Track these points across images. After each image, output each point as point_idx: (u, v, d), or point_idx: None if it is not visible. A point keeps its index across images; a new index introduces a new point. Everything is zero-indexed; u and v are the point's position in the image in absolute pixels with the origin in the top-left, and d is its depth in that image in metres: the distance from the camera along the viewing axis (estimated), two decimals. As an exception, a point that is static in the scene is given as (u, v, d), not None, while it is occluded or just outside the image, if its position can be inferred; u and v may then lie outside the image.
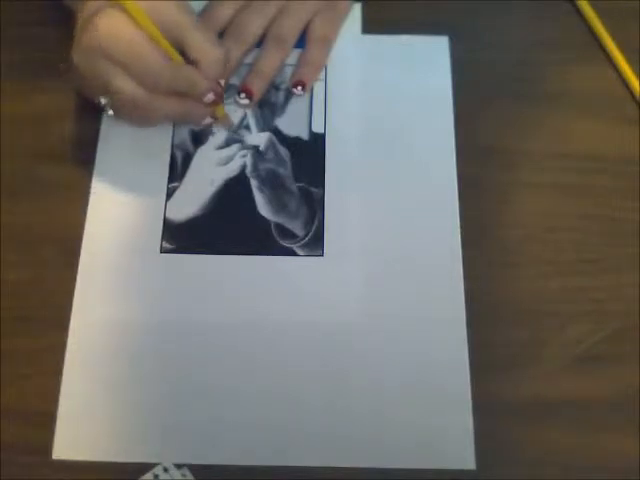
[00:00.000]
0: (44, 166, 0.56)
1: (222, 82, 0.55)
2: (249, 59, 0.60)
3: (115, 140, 0.57)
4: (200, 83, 0.52)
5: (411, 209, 0.56)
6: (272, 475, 0.48)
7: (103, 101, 0.53)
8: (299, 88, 0.59)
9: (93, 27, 0.49)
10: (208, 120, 0.56)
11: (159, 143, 0.57)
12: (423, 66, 0.61)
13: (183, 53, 0.52)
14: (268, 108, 0.59)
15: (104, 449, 0.48)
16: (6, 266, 0.53)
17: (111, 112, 0.53)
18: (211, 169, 0.57)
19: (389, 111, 0.59)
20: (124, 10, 0.49)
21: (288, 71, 0.60)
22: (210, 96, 0.53)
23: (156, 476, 0.47)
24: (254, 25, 0.59)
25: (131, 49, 0.49)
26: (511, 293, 0.54)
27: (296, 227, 0.55)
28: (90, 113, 0.57)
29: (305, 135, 0.58)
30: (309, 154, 0.58)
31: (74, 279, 0.53)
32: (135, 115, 0.54)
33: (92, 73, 0.51)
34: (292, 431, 0.49)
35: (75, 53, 0.51)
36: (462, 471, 0.48)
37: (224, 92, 0.55)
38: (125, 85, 0.51)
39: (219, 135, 0.58)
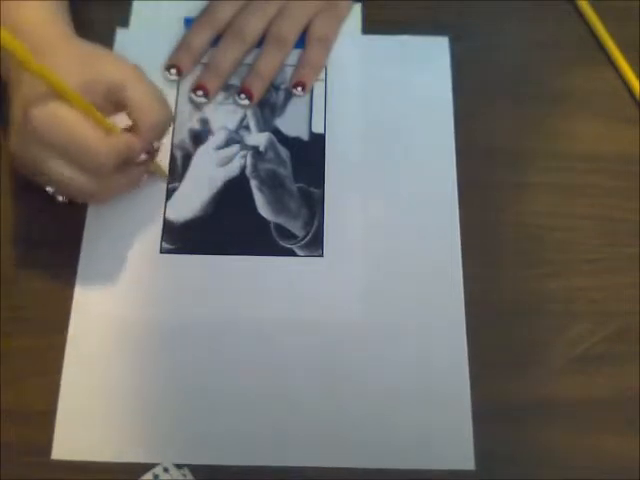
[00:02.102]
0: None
1: (156, 145, 0.52)
2: (249, 59, 0.60)
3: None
4: (135, 148, 0.49)
5: (411, 209, 0.56)
6: (272, 475, 0.48)
7: (49, 189, 0.50)
8: (299, 89, 0.59)
9: (29, 117, 0.46)
10: (145, 177, 0.54)
11: (159, 143, 0.57)
12: (423, 66, 0.61)
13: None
14: (268, 108, 0.59)
15: (104, 449, 0.48)
16: (6, 266, 0.53)
17: (61, 198, 0.51)
18: (211, 169, 0.57)
19: (389, 111, 0.59)
20: (57, 94, 0.46)
21: (288, 71, 0.60)
22: (142, 156, 0.51)
23: (156, 476, 0.47)
24: (254, 25, 0.59)
25: (68, 136, 0.46)
26: (511, 293, 0.54)
27: (296, 227, 0.55)
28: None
29: (305, 135, 0.58)
30: (309, 154, 0.58)
31: (74, 279, 0.53)
32: (87, 199, 0.53)
33: (32, 163, 0.48)
34: (292, 431, 0.49)
35: (13, 143, 0.48)
36: (461, 471, 0.48)
37: (158, 151, 0.53)
38: (68, 173, 0.48)
39: (219, 135, 0.58)
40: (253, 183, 0.56)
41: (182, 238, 0.54)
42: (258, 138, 0.58)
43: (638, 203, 0.56)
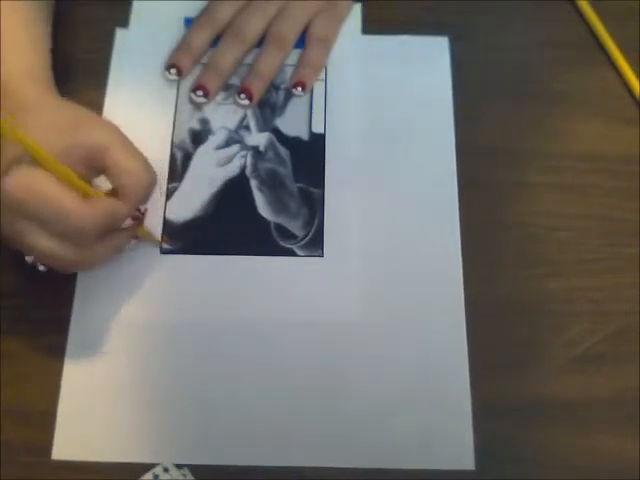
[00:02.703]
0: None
1: (142, 208, 0.51)
2: (249, 59, 0.60)
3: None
4: (119, 213, 0.47)
5: (411, 209, 0.56)
6: (272, 475, 0.48)
7: (29, 260, 0.50)
8: (299, 89, 0.59)
9: (3, 185, 0.44)
10: (132, 242, 0.53)
11: (158, 143, 0.57)
12: (423, 66, 0.61)
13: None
14: (268, 108, 0.59)
15: (104, 449, 0.48)
16: (6, 266, 0.53)
17: (42, 267, 0.50)
18: (211, 169, 0.57)
19: (389, 111, 0.59)
20: (34, 159, 0.44)
21: (288, 71, 0.60)
22: (128, 221, 0.49)
23: (156, 476, 0.47)
24: (254, 25, 0.59)
25: (45, 205, 0.44)
26: (511, 293, 0.54)
27: (296, 227, 0.55)
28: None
29: (305, 135, 0.58)
30: (309, 154, 0.58)
31: (74, 279, 0.53)
32: (69, 269, 0.51)
33: (11, 233, 0.46)
34: (292, 431, 0.49)
35: None
36: (461, 471, 0.48)
37: (144, 215, 0.52)
38: (47, 243, 0.46)
39: (219, 135, 0.58)
40: (253, 183, 0.56)
41: (182, 238, 0.54)
42: (258, 138, 0.58)
43: (638, 203, 0.56)
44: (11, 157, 0.45)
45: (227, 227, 0.55)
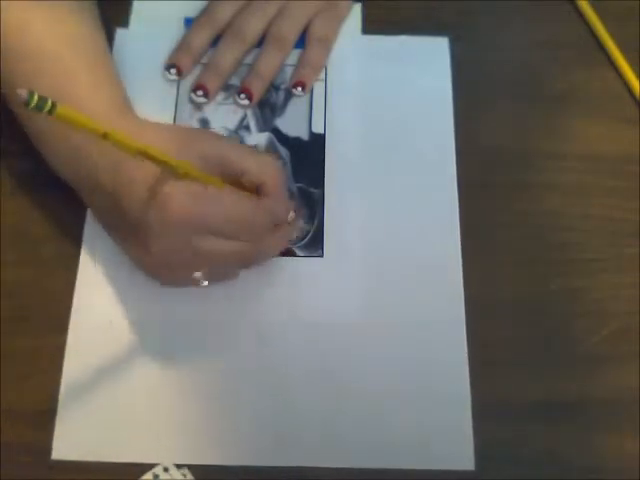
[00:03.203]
0: (44, 166, 0.56)
1: (287, 195, 0.52)
2: (249, 59, 0.60)
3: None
4: (282, 208, 0.49)
5: (411, 209, 0.56)
6: (272, 475, 0.48)
7: (198, 276, 0.48)
8: (299, 89, 0.59)
9: (170, 210, 0.43)
10: (295, 234, 0.54)
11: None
12: (423, 66, 0.61)
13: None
14: (268, 108, 0.59)
15: (104, 449, 0.48)
16: (6, 266, 0.53)
17: (206, 283, 0.49)
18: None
19: (389, 111, 0.59)
20: (176, 175, 0.43)
21: (288, 71, 0.60)
22: (292, 214, 0.50)
23: (156, 476, 0.47)
24: (254, 25, 0.59)
25: (220, 212, 0.45)
26: (511, 293, 0.54)
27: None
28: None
29: (305, 135, 0.58)
30: (309, 154, 0.58)
31: (74, 279, 0.53)
32: (244, 267, 0.51)
33: (182, 258, 0.46)
34: (292, 431, 0.49)
35: (153, 246, 0.45)
36: (461, 471, 0.48)
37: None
38: (226, 248, 0.47)
39: (219, 135, 0.58)
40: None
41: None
42: (258, 138, 0.58)
43: (638, 203, 0.56)
44: (150, 182, 0.44)
45: (227, 227, 0.55)
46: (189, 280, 0.49)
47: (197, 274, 0.48)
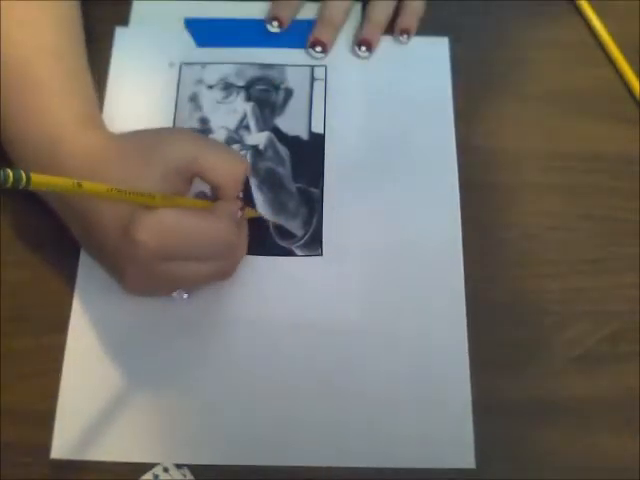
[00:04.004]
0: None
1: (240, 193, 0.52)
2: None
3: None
4: (236, 210, 0.49)
5: (411, 209, 0.56)
6: (272, 475, 0.48)
7: (177, 294, 0.51)
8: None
9: (137, 242, 0.44)
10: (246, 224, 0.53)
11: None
12: (423, 66, 0.61)
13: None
14: (268, 108, 0.59)
15: (104, 449, 0.48)
16: (6, 266, 0.53)
17: (186, 295, 0.52)
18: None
19: (389, 111, 0.59)
20: (145, 206, 0.45)
21: (288, 71, 0.60)
22: (239, 213, 0.50)
23: (156, 476, 0.47)
24: None
25: (189, 239, 0.46)
26: (511, 293, 0.54)
27: (295, 227, 0.55)
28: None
29: (304, 135, 0.58)
30: (308, 154, 0.58)
31: (74, 279, 0.53)
32: (225, 278, 0.52)
33: (157, 282, 0.48)
34: (292, 431, 0.49)
35: (127, 275, 0.47)
36: (462, 470, 0.48)
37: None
38: (202, 270, 0.48)
39: (218, 135, 0.58)
40: (252, 182, 0.56)
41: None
42: (258, 137, 0.58)
43: (638, 203, 0.56)
44: (122, 215, 0.45)
45: (227, 227, 0.55)
46: (168, 296, 0.51)
47: (175, 293, 0.51)
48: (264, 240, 0.54)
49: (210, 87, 0.60)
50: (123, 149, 0.48)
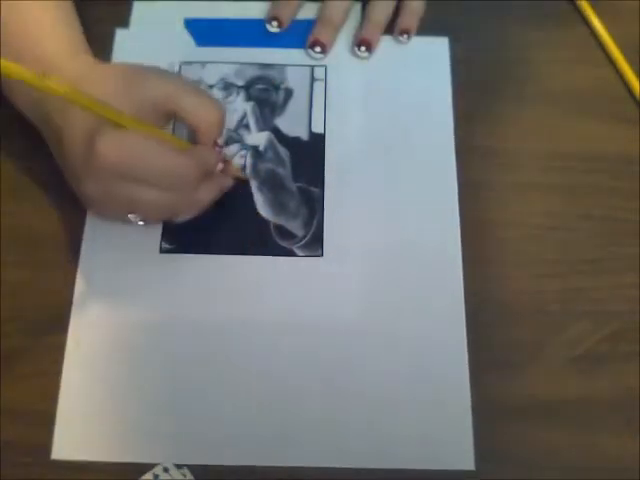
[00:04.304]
0: (44, 166, 0.56)
1: (220, 141, 0.53)
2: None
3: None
4: (210, 157, 0.51)
5: (411, 209, 0.56)
6: (272, 475, 0.48)
7: (132, 217, 0.50)
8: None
9: (97, 153, 0.45)
10: (230, 183, 0.54)
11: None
12: (423, 66, 0.61)
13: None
14: (268, 108, 0.59)
15: (104, 449, 0.48)
16: (6, 266, 0.53)
17: (142, 222, 0.51)
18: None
19: (389, 111, 0.59)
20: (115, 124, 0.46)
21: (288, 71, 0.60)
22: (220, 165, 0.52)
23: (156, 476, 0.47)
24: None
25: (145, 161, 0.47)
26: (511, 293, 0.54)
27: (295, 227, 0.55)
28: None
29: (305, 135, 0.58)
30: (309, 154, 0.58)
31: (74, 279, 0.53)
32: (175, 217, 0.52)
33: (113, 200, 0.49)
34: (291, 431, 0.49)
35: (86, 186, 0.48)
36: (461, 471, 0.48)
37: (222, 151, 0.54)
38: (155, 198, 0.48)
39: (219, 135, 0.58)
40: (253, 183, 0.56)
41: (181, 238, 0.54)
42: (258, 138, 0.58)
43: (638, 203, 0.56)
44: (91, 127, 0.46)
45: (226, 227, 0.55)
46: (125, 219, 0.51)
47: (131, 216, 0.50)
48: (265, 240, 0.54)
49: (210, 87, 0.60)
50: (106, 74, 0.49)
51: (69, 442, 0.48)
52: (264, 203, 0.56)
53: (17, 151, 0.57)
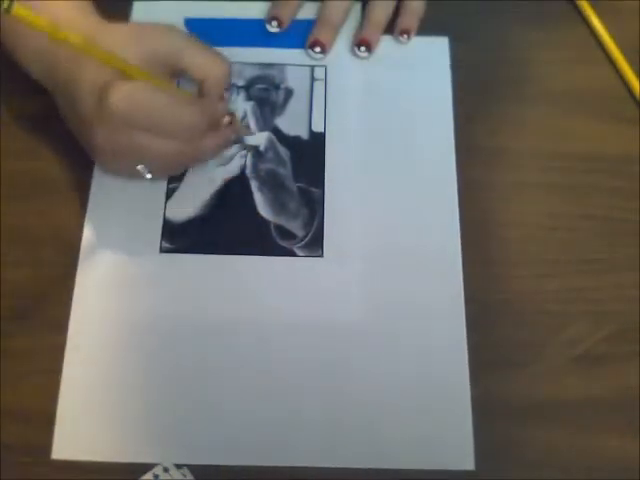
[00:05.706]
0: (44, 166, 0.56)
1: (226, 95, 0.55)
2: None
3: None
4: (218, 110, 0.53)
5: (411, 209, 0.56)
6: (272, 475, 0.48)
7: (141, 169, 0.51)
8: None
9: (108, 104, 0.47)
10: (234, 135, 0.56)
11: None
12: (423, 66, 0.61)
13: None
14: (268, 107, 0.59)
15: (103, 449, 0.48)
16: (6, 266, 0.53)
17: (149, 175, 0.52)
18: (211, 169, 0.57)
19: (389, 111, 0.59)
20: (125, 76, 0.49)
21: (289, 71, 0.60)
22: (226, 119, 0.54)
23: (156, 476, 0.47)
24: None
25: (155, 110, 0.49)
26: (511, 293, 0.54)
27: (296, 228, 0.55)
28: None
29: (305, 135, 0.58)
30: (309, 154, 0.58)
31: (74, 279, 0.53)
32: (183, 167, 0.55)
33: (123, 149, 0.50)
34: (292, 431, 0.49)
35: (97, 136, 0.49)
36: (461, 471, 0.48)
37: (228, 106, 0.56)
38: (164, 147, 0.50)
39: (219, 135, 0.58)
40: (253, 183, 0.56)
41: (182, 238, 0.54)
42: (258, 137, 0.58)
43: (638, 203, 0.56)
44: (103, 78, 0.48)
45: (227, 227, 0.55)
46: (133, 171, 0.51)
47: (140, 167, 0.51)
48: (265, 240, 0.54)
49: (210, 87, 0.60)
50: (116, 30, 0.51)
51: (69, 442, 0.48)
52: (264, 203, 0.56)
53: (17, 151, 0.57)
